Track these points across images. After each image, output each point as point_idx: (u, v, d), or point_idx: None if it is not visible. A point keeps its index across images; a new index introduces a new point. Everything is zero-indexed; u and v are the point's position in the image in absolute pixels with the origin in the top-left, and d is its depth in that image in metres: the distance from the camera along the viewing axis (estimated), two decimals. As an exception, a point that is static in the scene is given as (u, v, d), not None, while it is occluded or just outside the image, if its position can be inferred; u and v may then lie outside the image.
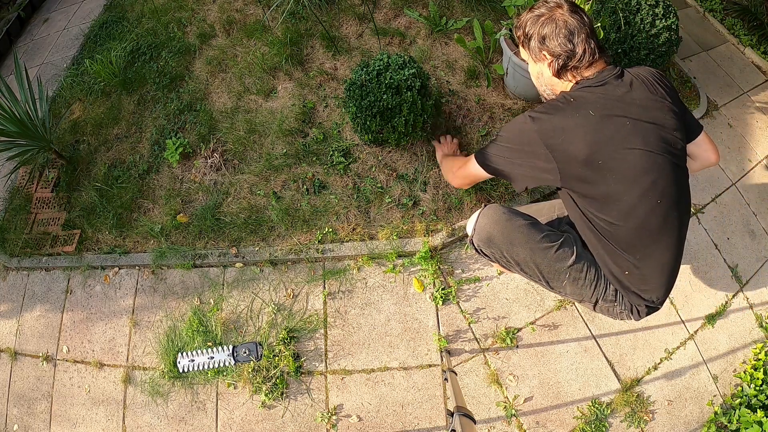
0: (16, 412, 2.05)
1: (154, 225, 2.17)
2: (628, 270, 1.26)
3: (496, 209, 1.37)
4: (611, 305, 1.34)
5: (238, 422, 1.79)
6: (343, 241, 1.99)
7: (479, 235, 1.38)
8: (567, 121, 1.17)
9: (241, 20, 2.76)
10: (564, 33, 1.21)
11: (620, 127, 1.15)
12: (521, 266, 1.36)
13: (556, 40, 1.22)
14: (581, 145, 1.15)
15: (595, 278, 1.31)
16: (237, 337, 1.91)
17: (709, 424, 1.72)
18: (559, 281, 1.33)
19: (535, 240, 1.31)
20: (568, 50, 1.21)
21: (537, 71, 1.34)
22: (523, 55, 1.37)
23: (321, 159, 2.18)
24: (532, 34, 1.26)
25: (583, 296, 1.35)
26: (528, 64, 1.37)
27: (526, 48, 1.32)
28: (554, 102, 1.23)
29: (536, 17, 1.26)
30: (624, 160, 1.15)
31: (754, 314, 1.95)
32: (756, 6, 2.86)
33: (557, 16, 1.22)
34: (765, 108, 2.53)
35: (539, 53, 1.27)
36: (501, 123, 2.19)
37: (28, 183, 2.53)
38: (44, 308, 2.20)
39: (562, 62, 1.23)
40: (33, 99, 2.25)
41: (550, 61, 1.25)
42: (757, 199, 2.21)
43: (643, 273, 1.25)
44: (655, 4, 1.93)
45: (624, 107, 1.17)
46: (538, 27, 1.25)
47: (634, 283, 1.27)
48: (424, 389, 1.75)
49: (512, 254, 1.34)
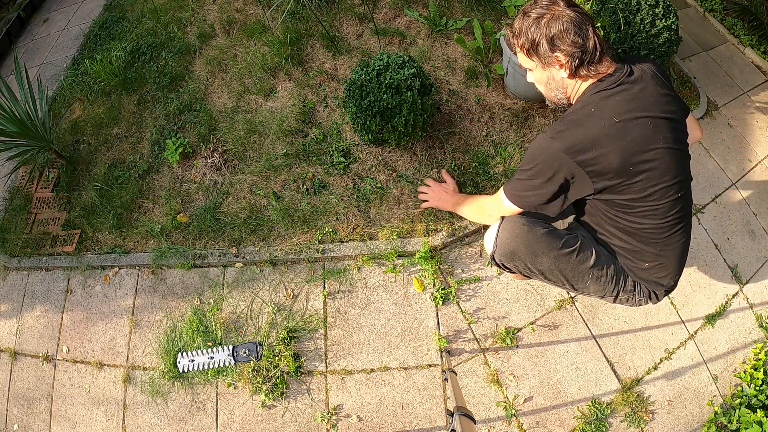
0: (16, 412, 2.05)
1: (154, 225, 2.17)
2: (648, 262, 1.29)
3: (515, 222, 1.34)
4: (631, 296, 1.36)
5: (238, 422, 1.79)
6: (343, 241, 1.99)
7: (502, 251, 1.36)
8: (592, 133, 1.12)
9: (241, 20, 2.76)
10: (573, 29, 1.13)
11: (644, 128, 1.14)
12: (545, 274, 1.36)
13: (568, 38, 1.13)
14: (613, 156, 1.11)
15: (615, 273, 1.33)
16: (237, 337, 1.91)
17: (709, 424, 1.72)
18: (582, 282, 1.35)
19: (556, 247, 1.31)
20: (581, 46, 1.13)
21: (546, 77, 1.25)
22: (525, 64, 1.27)
23: (321, 159, 2.18)
24: (538, 38, 1.16)
25: (606, 292, 1.37)
26: (530, 72, 1.29)
27: (534, 56, 1.21)
28: (572, 117, 1.17)
29: (536, 20, 1.16)
30: (651, 160, 1.14)
31: (754, 314, 1.95)
32: (756, 6, 2.86)
33: (559, 14, 1.14)
34: (765, 108, 2.53)
35: (550, 57, 1.18)
36: (501, 123, 2.19)
37: (28, 183, 2.53)
38: (44, 308, 2.20)
39: (578, 60, 1.15)
40: (33, 99, 2.25)
41: (564, 62, 1.17)
42: (757, 199, 2.21)
43: (663, 263, 1.28)
44: (655, 4, 1.93)
45: (643, 106, 1.15)
46: (543, 29, 1.15)
47: (654, 273, 1.31)
48: (424, 389, 1.75)
49: (536, 265, 1.33)
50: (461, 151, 2.12)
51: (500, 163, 2.07)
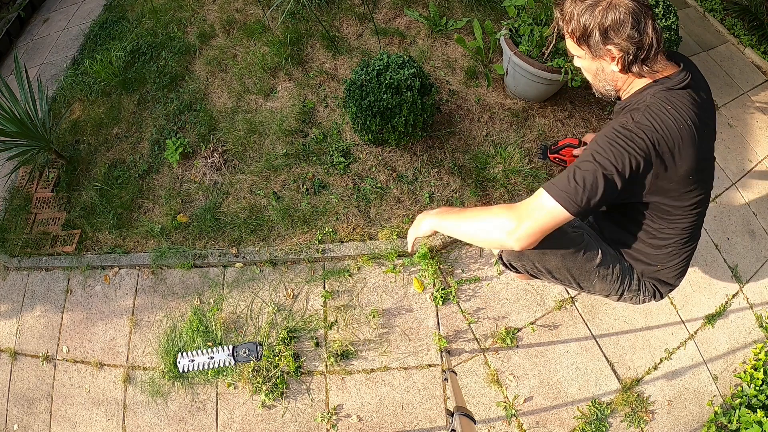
0: (16, 412, 2.05)
1: (154, 225, 2.17)
2: (662, 263, 1.29)
3: None
4: (635, 295, 1.36)
5: (238, 422, 1.79)
6: (343, 241, 1.99)
7: (510, 250, 1.32)
8: (674, 130, 1.03)
9: (241, 20, 2.76)
10: (630, 22, 1.01)
11: (708, 138, 1.09)
12: (552, 273, 1.35)
13: (624, 32, 1.02)
14: (683, 161, 1.04)
15: (621, 273, 1.33)
16: (237, 337, 1.91)
17: (709, 424, 1.72)
18: (589, 281, 1.34)
19: (563, 246, 1.30)
20: (637, 41, 1.02)
21: (596, 67, 1.14)
22: (573, 51, 1.17)
23: (321, 159, 2.18)
24: (591, 27, 1.05)
25: (611, 290, 1.36)
26: (578, 58, 1.18)
27: (584, 45, 1.10)
28: (650, 108, 1.06)
29: (590, 6, 1.04)
30: (704, 170, 1.11)
31: (754, 314, 1.95)
32: (756, 6, 2.86)
33: (616, 2, 1.02)
34: (765, 108, 2.53)
35: (602, 49, 1.07)
36: (501, 123, 2.19)
37: (28, 183, 2.53)
38: (44, 308, 2.20)
39: (632, 57, 1.04)
40: (33, 99, 2.25)
41: (618, 57, 1.06)
42: (757, 199, 2.21)
43: (676, 264, 1.29)
44: (655, 4, 1.93)
45: (705, 115, 1.08)
46: (598, 18, 1.03)
47: (665, 274, 1.32)
48: (424, 389, 1.75)
49: (544, 263, 1.32)
50: (461, 151, 2.12)
51: (500, 163, 2.07)
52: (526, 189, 2.03)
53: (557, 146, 1.91)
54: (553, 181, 1.06)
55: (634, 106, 1.09)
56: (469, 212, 1.16)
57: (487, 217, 1.11)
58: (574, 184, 1.02)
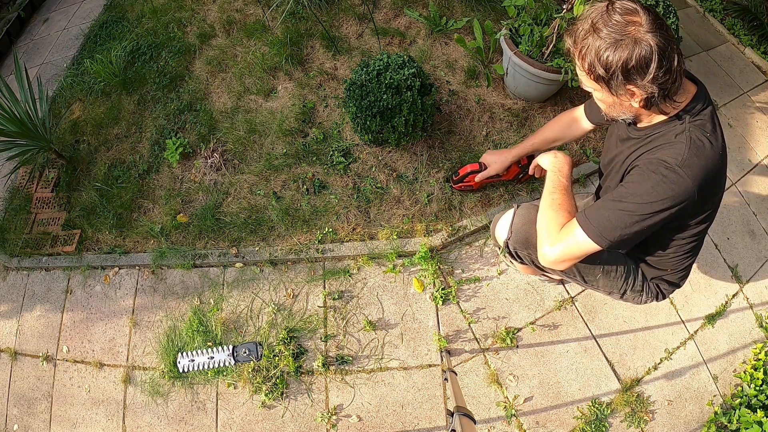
0: (16, 412, 2.05)
1: (154, 225, 2.17)
2: (671, 268, 1.30)
3: (530, 208, 1.32)
4: (638, 295, 1.37)
5: (238, 422, 1.79)
6: (343, 241, 1.99)
7: (517, 236, 1.32)
8: (713, 165, 1.00)
9: (241, 20, 2.76)
10: (656, 60, 0.90)
11: (726, 156, 1.07)
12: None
13: (649, 73, 0.92)
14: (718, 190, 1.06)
15: (625, 271, 1.33)
16: (237, 337, 1.91)
17: (709, 424, 1.72)
18: (593, 275, 1.34)
19: None
20: (662, 82, 0.93)
21: (613, 101, 1.05)
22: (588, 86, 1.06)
23: (321, 159, 2.18)
24: (613, 69, 0.93)
25: (614, 288, 1.37)
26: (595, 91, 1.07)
27: (602, 83, 0.99)
28: (698, 143, 0.99)
29: (612, 43, 0.92)
30: (722, 188, 1.12)
31: (754, 314, 1.95)
32: (756, 6, 2.86)
33: (640, 37, 0.90)
34: (765, 108, 2.53)
35: (622, 88, 0.97)
36: (501, 123, 2.19)
37: (28, 183, 2.53)
38: (44, 308, 2.20)
39: (657, 97, 0.97)
40: (33, 99, 2.25)
41: (639, 97, 0.97)
42: (757, 199, 2.21)
43: (683, 266, 1.30)
44: (655, 4, 1.93)
45: (723, 134, 1.05)
46: (623, 56, 0.91)
47: (672, 276, 1.32)
48: (424, 389, 1.75)
49: None
50: (461, 151, 2.12)
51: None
52: (526, 189, 2.03)
53: (459, 176, 1.93)
54: (589, 213, 1.06)
55: (671, 140, 1.02)
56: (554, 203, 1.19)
57: (551, 220, 1.16)
58: (609, 223, 1.03)
